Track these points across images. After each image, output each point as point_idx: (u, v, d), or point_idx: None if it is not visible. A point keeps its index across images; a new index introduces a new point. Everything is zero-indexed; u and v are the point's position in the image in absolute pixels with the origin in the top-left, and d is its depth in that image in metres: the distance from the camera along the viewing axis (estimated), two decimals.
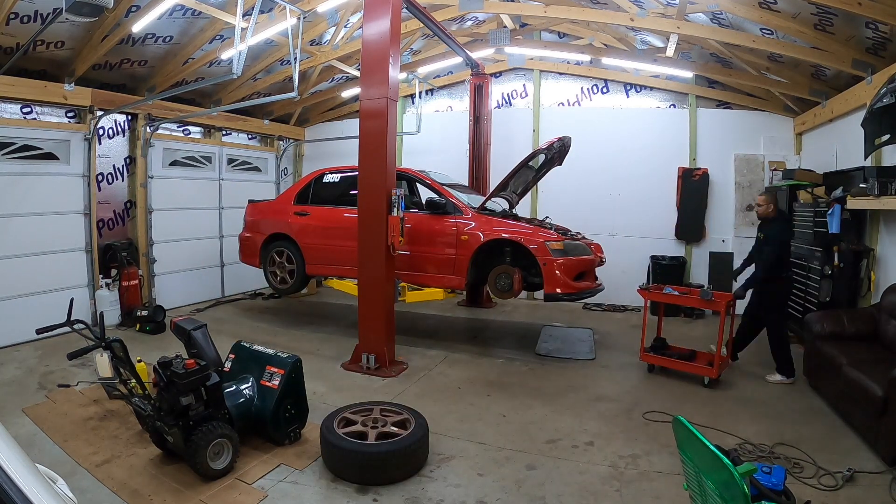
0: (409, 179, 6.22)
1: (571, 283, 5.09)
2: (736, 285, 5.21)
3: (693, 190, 7.75)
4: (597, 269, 5.59)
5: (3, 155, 5.58)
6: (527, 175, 6.16)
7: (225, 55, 6.69)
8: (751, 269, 5.04)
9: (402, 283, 5.03)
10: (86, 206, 6.34)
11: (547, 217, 6.48)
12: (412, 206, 5.90)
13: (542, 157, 5.95)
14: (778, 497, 2.09)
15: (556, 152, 6.06)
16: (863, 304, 5.19)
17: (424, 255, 5.56)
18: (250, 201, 7.19)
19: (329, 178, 6.38)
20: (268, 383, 3.46)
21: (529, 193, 7.48)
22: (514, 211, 6.35)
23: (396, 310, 5.38)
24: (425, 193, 6.07)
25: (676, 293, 5.10)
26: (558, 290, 5.04)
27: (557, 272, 5.02)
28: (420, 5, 5.66)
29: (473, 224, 5.39)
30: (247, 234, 6.92)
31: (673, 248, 7.92)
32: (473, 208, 5.59)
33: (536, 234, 5.20)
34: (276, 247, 6.48)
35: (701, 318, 7.43)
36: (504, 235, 5.23)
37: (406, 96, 9.15)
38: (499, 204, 6.11)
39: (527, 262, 5.20)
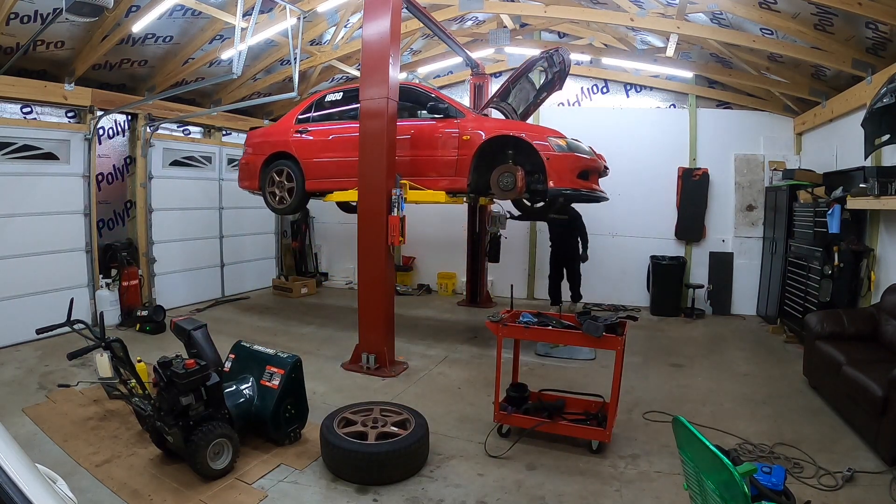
0: (416, 93, 5.96)
1: (575, 179, 4.99)
2: None
3: (693, 190, 7.75)
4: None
5: (3, 155, 5.58)
6: (528, 92, 6.07)
7: (225, 55, 6.69)
8: None
9: (403, 181, 4.96)
10: (86, 206, 6.34)
11: None
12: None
13: (542, 77, 5.87)
14: (778, 497, 2.09)
15: (557, 71, 5.98)
16: (863, 304, 5.19)
17: (427, 158, 5.45)
18: (251, 129, 7.12)
19: (330, 97, 6.26)
20: (268, 383, 3.46)
21: None
22: None
23: (396, 311, 5.37)
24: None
25: (546, 323, 3.64)
26: (561, 186, 4.93)
27: (561, 167, 4.93)
28: (420, 5, 5.65)
29: (475, 124, 5.32)
30: (246, 160, 6.78)
31: (673, 248, 7.92)
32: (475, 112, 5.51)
33: (539, 130, 5.19)
34: (276, 167, 6.37)
35: (701, 317, 7.43)
36: (506, 132, 5.15)
37: None
38: None
39: (531, 165, 5.08)
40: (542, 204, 6.32)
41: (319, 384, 4.58)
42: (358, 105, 5.08)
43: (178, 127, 7.77)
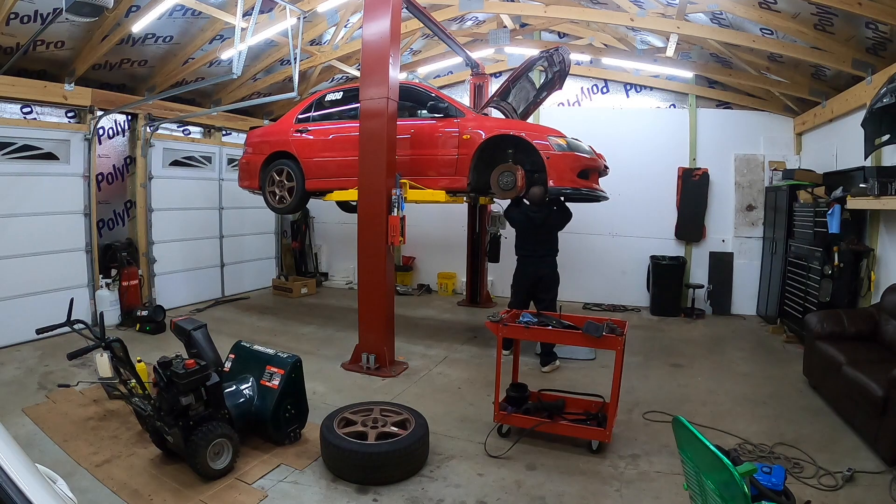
0: (417, 92, 5.98)
1: (575, 178, 5.00)
2: None
3: (693, 190, 7.74)
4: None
5: (3, 155, 5.58)
6: (528, 91, 6.08)
7: (225, 55, 6.69)
8: None
9: (403, 180, 4.98)
10: (86, 206, 6.34)
11: None
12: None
13: (542, 77, 5.91)
14: (778, 497, 2.09)
15: (557, 70, 5.99)
16: (863, 304, 5.19)
17: (427, 158, 5.45)
18: (251, 128, 7.15)
19: (330, 97, 6.25)
20: (268, 383, 3.46)
21: None
22: None
23: (396, 311, 5.37)
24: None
25: (546, 323, 3.66)
26: (561, 185, 4.93)
27: (561, 166, 4.93)
28: (420, 5, 5.65)
29: (475, 123, 5.34)
30: (246, 159, 6.77)
31: (673, 248, 7.92)
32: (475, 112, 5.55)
33: (539, 130, 5.22)
34: (276, 166, 6.37)
35: (701, 317, 7.43)
36: (506, 131, 5.17)
37: None
38: None
39: (531, 165, 5.09)
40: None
41: (319, 384, 4.58)
42: (358, 104, 5.08)
43: (178, 127, 7.77)
